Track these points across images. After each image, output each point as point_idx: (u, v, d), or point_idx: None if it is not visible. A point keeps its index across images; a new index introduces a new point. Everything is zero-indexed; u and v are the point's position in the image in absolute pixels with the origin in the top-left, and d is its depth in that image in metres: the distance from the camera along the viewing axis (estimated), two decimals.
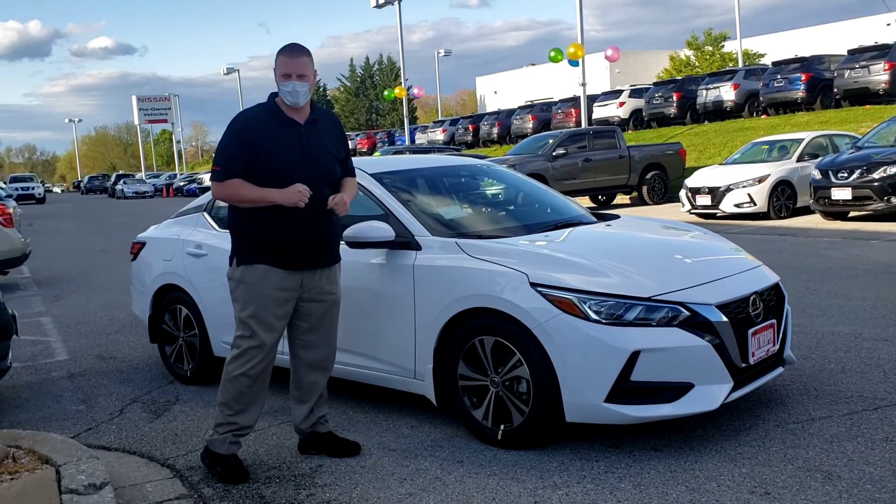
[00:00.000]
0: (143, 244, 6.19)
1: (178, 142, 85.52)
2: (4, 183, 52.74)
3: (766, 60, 38.95)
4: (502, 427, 4.06)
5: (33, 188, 51.24)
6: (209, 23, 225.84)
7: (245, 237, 3.89)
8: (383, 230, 4.39)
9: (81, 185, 76.28)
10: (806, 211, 14.73)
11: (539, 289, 3.94)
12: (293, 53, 3.84)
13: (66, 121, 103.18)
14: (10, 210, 11.08)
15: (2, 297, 5.28)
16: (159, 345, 5.99)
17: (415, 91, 44.49)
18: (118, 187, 54.10)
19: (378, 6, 37.16)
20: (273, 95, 3.93)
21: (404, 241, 4.45)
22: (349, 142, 40.50)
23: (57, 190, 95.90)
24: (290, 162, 3.79)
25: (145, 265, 6.08)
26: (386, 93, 44.90)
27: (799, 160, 15.25)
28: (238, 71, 61.93)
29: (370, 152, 41.52)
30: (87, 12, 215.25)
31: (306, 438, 4.20)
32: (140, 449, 4.44)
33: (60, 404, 5.41)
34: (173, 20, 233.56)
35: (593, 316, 3.83)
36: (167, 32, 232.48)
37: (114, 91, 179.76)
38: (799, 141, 15.82)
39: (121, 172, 69.32)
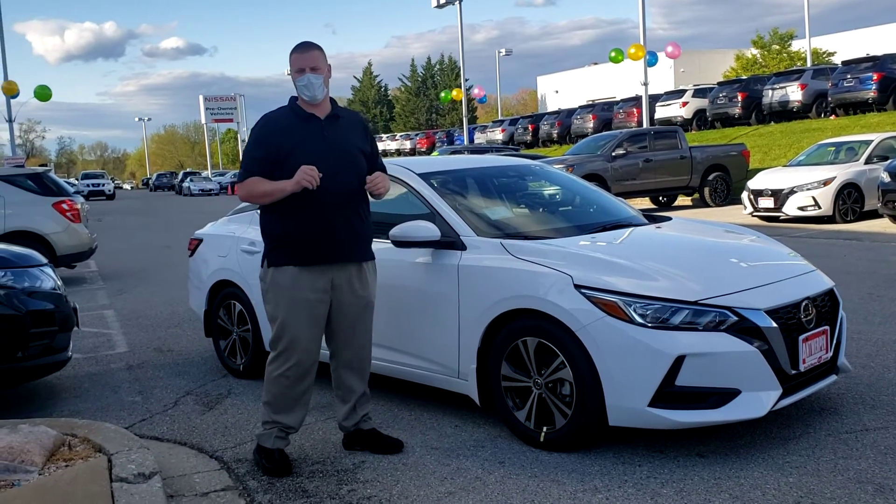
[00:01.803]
0: (200, 241, 6.34)
1: (243, 141, 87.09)
2: (76, 179, 54.56)
3: (836, 59, 37.85)
4: (545, 429, 4.05)
5: (104, 185, 52.83)
6: (277, 23, 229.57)
7: (274, 236, 3.93)
8: (429, 230, 4.41)
9: (150, 182, 78.32)
10: (874, 215, 14.27)
11: (584, 291, 3.91)
12: (304, 49, 3.90)
13: (137, 119, 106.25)
14: (79, 206, 11.45)
15: (64, 291, 5.47)
16: (214, 339, 6.13)
17: (475, 91, 44.46)
18: (185, 185, 55.39)
19: (439, 6, 37.26)
20: (293, 98, 3.99)
21: (450, 241, 4.47)
22: (409, 141, 40.44)
23: (127, 187, 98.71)
24: (314, 156, 3.81)
25: (202, 261, 6.23)
26: (442, 95, 44.92)
27: (867, 162, 14.79)
28: None
29: (429, 152, 41.70)
30: (160, 13, 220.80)
31: (350, 435, 4.25)
32: (191, 440, 4.56)
33: (118, 395, 5.59)
34: (243, 21, 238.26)
35: (638, 319, 3.79)
36: (236, 33, 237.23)
37: (183, 91, 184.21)
38: (868, 142, 15.35)
39: (188, 170, 70.92)
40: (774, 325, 3.87)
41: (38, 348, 5.07)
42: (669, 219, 5.26)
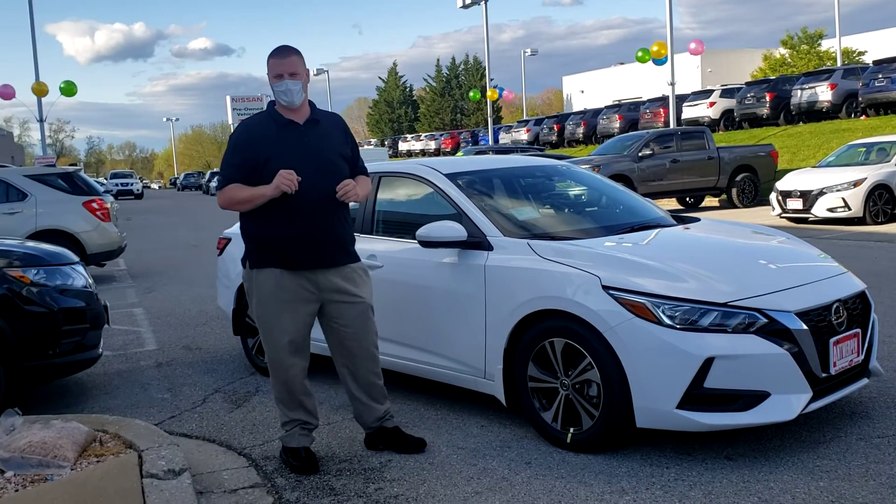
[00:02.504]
0: (228, 240, 6.39)
1: None
2: (105, 179, 55.18)
3: (867, 59, 37.34)
4: (571, 430, 4.04)
5: (132, 184, 53.42)
6: (304, 23, 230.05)
7: (253, 239, 3.93)
8: (455, 230, 4.42)
9: (177, 181, 78.98)
10: None
11: (611, 292, 3.90)
12: (282, 54, 3.89)
13: (165, 119, 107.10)
14: (108, 205, 11.58)
15: (95, 289, 5.54)
16: (242, 337, 6.18)
17: (505, 94, 44.40)
18: (212, 184, 55.70)
19: (465, 6, 37.18)
20: (272, 103, 3.98)
21: (476, 242, 4.47)
22: (433, 141, 40.35)
23: (154, 186, 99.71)
24: (293, 162, 3.78)
25: (230, 260, 6.27)
26: (471, 93, 44.87)
27: None
28: (328, 72, 63.15)
29: (454, 152, 41.72)
30: (189, 14, 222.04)
31: (373, 433, 4.26)
32: (219, 437, 4.60)
33: (147, 392, 5.65)
34: (270, 22, 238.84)
35: (667, 321, 3.78)
36: (264, 34, 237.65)
37: (211, 91, 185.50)
38: None
39: (215, 170, 71.27)
40: (805, 327, 3.83)
41: (70, 345, 5.14)
42: (698, 220, 5.23)
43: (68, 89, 31.44)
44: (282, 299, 3.89)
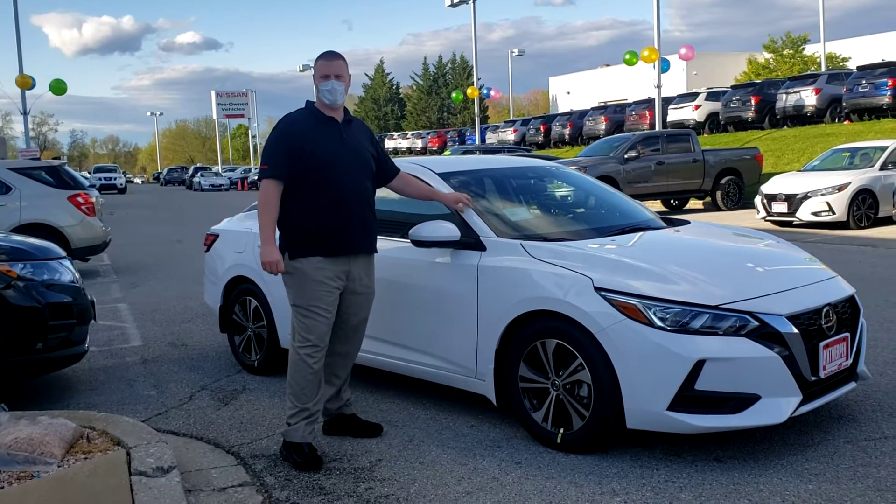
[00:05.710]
0: (216, 236, 6.36)
1: (254, 136, 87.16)
2: (89, 173, 54.75)
3: (851, 64, 37.65)
4: (562, 430, 4.04)
5: (115, 178, 53.03)
6: (294, 19, 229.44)
7: (296, 231, 4.14)
8: (448, 230, 4.42)
9: (161, 176, 78.54)
10: (888, 221, 14.21)
11: (603, 293, 3.90)
12: (331, 57, 4.23)
13: (149, 114, 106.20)
14: (94, 199, 11.49)
15: (82, 284, 5.49)
16: (229, 335, 6.14)
17: (491, 93, 44.37)
18: (195, 180, 55.52)
19: (453, 5, 37.17)
20: (310, 102, 4.27)
21: (469, 242, 4.46)
22: (420, 139, 40.44)
23: (138, 181, 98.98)
24: (334, 155, 4.11)
25: (218, 257, 6.24)
26: (454, 95, 44.78)
27: (882, 168, 14.71)
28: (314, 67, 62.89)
29: (440, 151, 41.67)
30: (178, 8, 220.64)
31: (332, 420, 4.45)
32: (207, 435, 4.57)
33: (133, 389, 5.60)
34: (260, 17, 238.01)
35: (658, 323, 3.79)
36: (253, 29, 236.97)
37: (196, 86, 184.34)
38: (883, 148, 15.26)
39: (198, 165, 70.97)
40: (796, 331, 3.85)
41: (57, 340, 5.09)
42: (688, 222, 5.24)
43: (58, 88, 31.05)
44: (322, 283, 4.10)
